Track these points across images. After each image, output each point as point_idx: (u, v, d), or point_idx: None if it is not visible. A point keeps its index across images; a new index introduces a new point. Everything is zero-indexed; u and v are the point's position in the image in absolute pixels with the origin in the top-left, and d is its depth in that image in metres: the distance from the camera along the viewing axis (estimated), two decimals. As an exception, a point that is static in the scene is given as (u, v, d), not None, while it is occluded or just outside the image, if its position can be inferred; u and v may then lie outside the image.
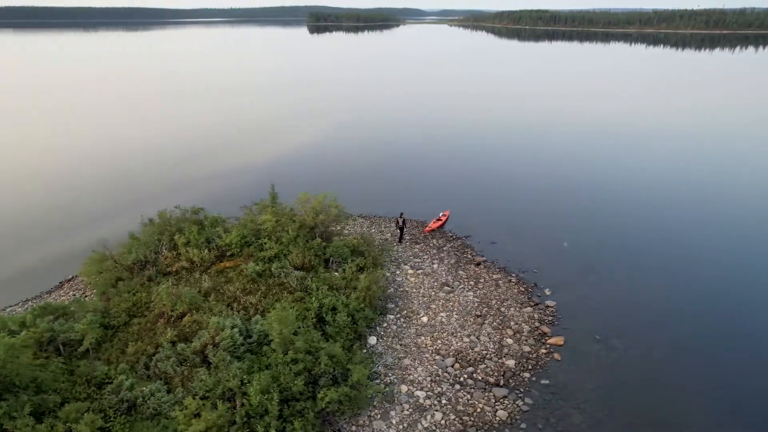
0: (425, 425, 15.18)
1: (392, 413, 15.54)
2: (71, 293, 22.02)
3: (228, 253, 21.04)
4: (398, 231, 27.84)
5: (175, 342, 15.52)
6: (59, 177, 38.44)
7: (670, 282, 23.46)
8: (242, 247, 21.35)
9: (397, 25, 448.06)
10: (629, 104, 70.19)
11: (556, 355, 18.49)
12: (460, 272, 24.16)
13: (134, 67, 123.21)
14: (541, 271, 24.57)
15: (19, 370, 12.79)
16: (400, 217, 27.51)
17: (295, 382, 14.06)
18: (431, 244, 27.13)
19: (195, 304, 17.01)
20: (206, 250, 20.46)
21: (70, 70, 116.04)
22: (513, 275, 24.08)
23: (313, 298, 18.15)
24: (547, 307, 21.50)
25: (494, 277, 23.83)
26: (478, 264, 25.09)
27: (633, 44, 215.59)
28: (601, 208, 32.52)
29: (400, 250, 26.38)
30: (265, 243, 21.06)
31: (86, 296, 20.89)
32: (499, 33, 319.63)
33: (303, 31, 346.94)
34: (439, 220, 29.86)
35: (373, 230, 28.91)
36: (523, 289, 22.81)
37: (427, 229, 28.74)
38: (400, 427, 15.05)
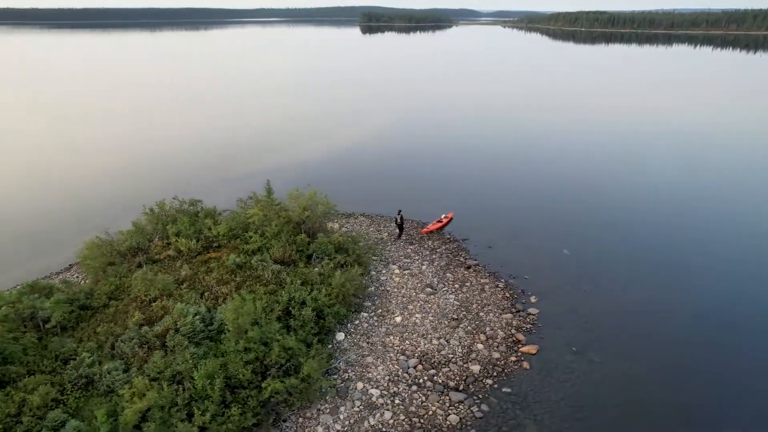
0: (372, 423, 15.25)
1: (342, 409, 15.70)
2: (76, 275, 23.53)
3: (215, 245, 21.85)
4: (397, 229, 27.98)
5: (142, 325, 16.34)
6: (110, 167, 40.80)
7: (668, 297, 22.30)
8: (230, 239, 22.11)
9: (450, 26, 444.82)
10: (660, 112, 66.75)
11: (526, 364, 18.05)
12: (448, 275, 23.95)
13: (187, 65, 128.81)
14: (533, 277, 23.97)
15: (-11, 342, 13.96)
16: (398, 214, 27.63)
17: (242, 370, 14.50)
18: (426, 246, 27.01)
19: (167, 291, 17.83)
20: (194, 241, 21.33)
21: (129, 68, 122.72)
22: (502, 281, 23.63)
23: (284, 292, 18.56)
24: (529, 314, 20.99)
25: (482, 281, 23.47)
26: (468, 267, 24.78)
27: (698, 47, 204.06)
28: (611, 216, 31.23)
29: (392, 249, 26.44)
30: (250, 236, 21.71)
31: (86, 279, 22.25)
32: (553, 35, 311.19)
33: (354, 32, 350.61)
34: (439, 221, 29.65)
35: (371, 229, 29.10)
36: (509, 295, 22.35)
37: (425, 230, 28.62)
38: (347, 423, 15.19)
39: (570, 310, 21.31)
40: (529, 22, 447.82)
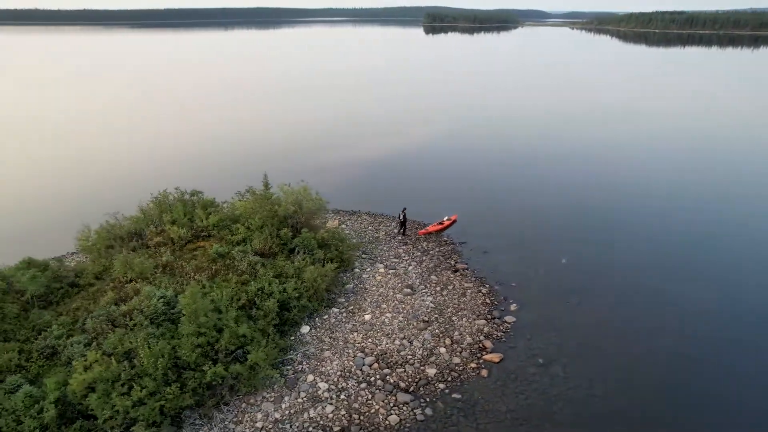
0: (311, 415, 15.57)
1: (286, 398, 16.12)
2: (85, 257, 25.41)
3: (203, 234, 22.94)
4: (399, 225, 28.14)
5: (115, 304, 17.53)
6: (158, 157, 43.81)
7: (658, 319, 20.97)
8: (219, 229, 23.14)
9: (515, 27, 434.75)
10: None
11: (484, 372, 17.70)
12: (433, 277, 23.81)
13: (250, 62, 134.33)
14: (521, 285, 23.34)
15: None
16: (402, 212, 27.81)
17: (189, 352, 15.26)
18: (420, 247, 26.94)
19: (144, 275, 19.00)
20: (184, 229, 22.51)
21: (199, 65, 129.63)
22: (487, 286, 23.18)
23: (255, 282, 19.24)
24: (504, 322, 20.51)
25: (465, 285, 23.15)
26: (456, 271, 24.50)
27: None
28: (620, 230, 29.68)
29: (384, 248, 26.58)
30: (237, 228, 22.62)
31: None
32: (624, 37, 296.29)
33: (417, 32, 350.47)
34: (441, 223, 29.46)
35: (370, 228, 29.37)
36: (489, 302, 21.91)
37: (422, 231, 28.53)
38: (287, 412, 15.60)
39: (548, 322, 20.61)
40: (599, 23, 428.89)
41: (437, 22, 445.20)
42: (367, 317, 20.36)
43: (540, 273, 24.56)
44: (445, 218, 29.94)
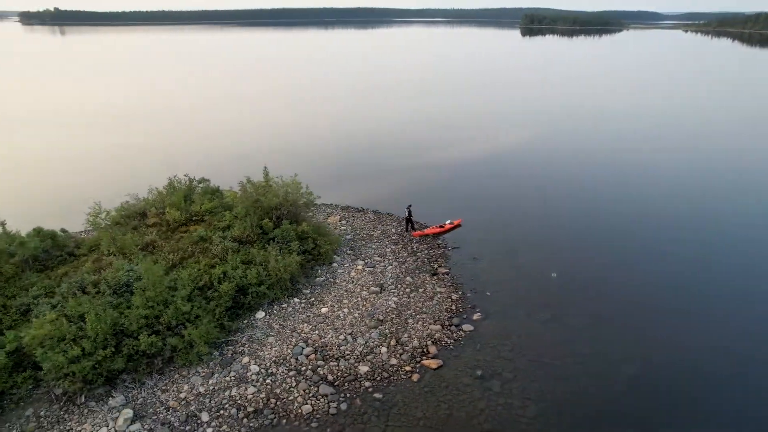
0: (233, 393, 16.48)
1: (216, 375, 17.17)
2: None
3: (196, 218, 24.76)
4: (406, 222, 28.52)
5: (93, 273, 19.65)
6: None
7: (628, 346, 19.42)
8: (212, 215, 24.84)
9: (618, 30, 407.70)
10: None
11: (415, 376, 17.57)
12: (408, 278, 23.79)
13: (345, 60, 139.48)
14: (496, 295, 22.64)
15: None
16: (408, 209, 28.24)
17: (133, 322, 16.82)
18: (409, 248, 26.93)
19: (125, 250, 21.04)
20: (178, 213, 24.47)
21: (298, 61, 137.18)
22: (459, 293, 22.76)
23: (221, 266, 20.56)
24: (460, 330, 20.10)
25: (437, 290, 22.90)
26: (435, 274, 24.26)
27: None
28: (626, 249, 27.50)
29: (373, 246, 26.90)
30: (224, 215, 24.18)
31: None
32: (749, 40, 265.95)
33: (512, 34, 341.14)
34: (441, 227, 29.17)
35: (369, 225, 29.74)
36: (454, 308, 21.54)
37: (417, 233, 28.44)
38: (210, 388, 16.63)
39: (506, 336, 19.86)
40: (718, 25, 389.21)
41: (535, 23, 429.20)
42: (324, 310, 20.91)
43: (522, 285, 23.60)
44: (447, 222, 29.56)
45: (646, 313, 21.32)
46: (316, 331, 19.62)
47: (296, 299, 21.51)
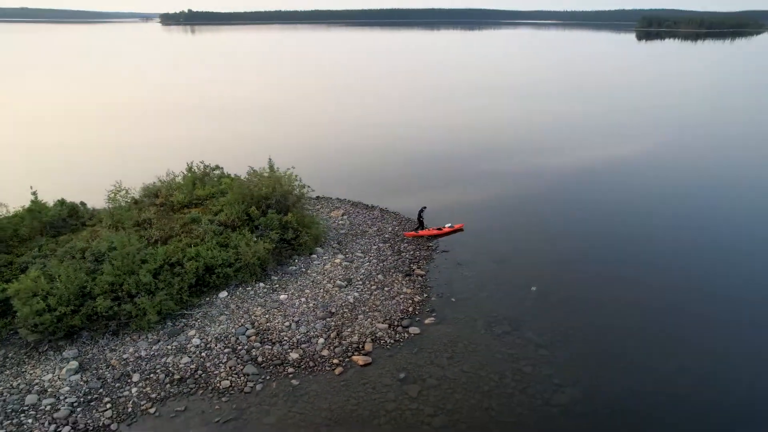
0: (167, 360, 17.97)
1: (160, 343, 18.78)
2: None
3: (196, 202, 26.88)
4: (418, 223, 28.83)
5: (85, 241, 22.31)
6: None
7: (578, 371, 18.12)
8: (212, 199, 26.84)
9: (758, 33, 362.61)
10: None
11: (339, 370, 17.89)
12: (380, 276, 23.99)
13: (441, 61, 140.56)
14: (460, 302, 22.12)
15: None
16: (420, 211, 28.76)
17: (94, 286, 19.00)
18: (397, 247, 27.00)
19: (120, 225, 23.55)
20: (182, 196, 26.77)
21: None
22: (424, 296, 22.56)
23: (197, 247, 22.32)
24: (406, 331, 20.02)
25: (403, 290, 22.87)
26: (408, 275, 24.20)
27: None
28: (619, 269, 25.26)
29: (362, 242, 27.34)
30: (219, 200, 26.03)
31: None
32: None
33: (626, 38, 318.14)
34: (439, 229, 28.85)
35: (368, 221, 30.16)
36: (411, 310, 21.43)
37: (409, 233, 28.37)
38: (151, 353, 18.24)
39: (450, 343, 19.42)
40: None
41: (653, 26, 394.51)
42: (282, 297, 21.84)
43: (495, 295, 22.77)
44: (447, 225, 29.13)
45: (619, 341, 19.60)
46: (267, 315, 20.60)
47: (262, 284, 22.66)
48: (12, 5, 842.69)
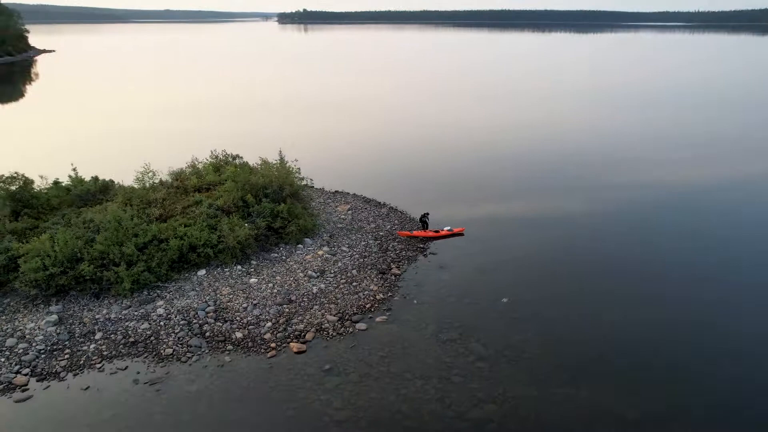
0: (128, 324, 19.91)
1: (129, 309, 20.80)
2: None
3: (206, 186, 29.11)
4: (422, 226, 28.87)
5: (96, 213, 25.24)
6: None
7: (513, 388, 17.26)
8: (221, 186, 28.93)
9: None
10: None
11: (272, 353, 18.73)
12: (354, 271, 24.42)
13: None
14: (422, 304, 21.98)
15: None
16: (425, 216, 28.84)
17: (89, 253, 21.61)
18: (385, 246, 27.19)
19: (129, 201, 26.31)
20: (196, 180, 29.18)
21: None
22: (389, 294, 22.65)
23: (187, 227, 24.36)
24: (353, 326, 20.35)
25: (371, 287, 23.12)
26: (383, 273, 24.37)
27: None
28: (604, 287, 23.06)
29: (354, 238, 27.88)
30: (223, 186, 28.01)
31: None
32: None
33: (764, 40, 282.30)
34: (436, 232, 28.55)
35: (369, 218, 30.64)
36: (368, 306, 21.68)
37: (404, 233, 28.35)
38: (120, 316, 20.32)
39: (391, 342, 19.43)
40: None
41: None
42: (252, 281, 23.12)
43: (462, 301, 22.24)
44: (445, 228, 28.70)
45: (569, 370, 18.25)
46: (231, 296, 21.98)
47: (239, 267, 24.12)
48: (158, 8, 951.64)
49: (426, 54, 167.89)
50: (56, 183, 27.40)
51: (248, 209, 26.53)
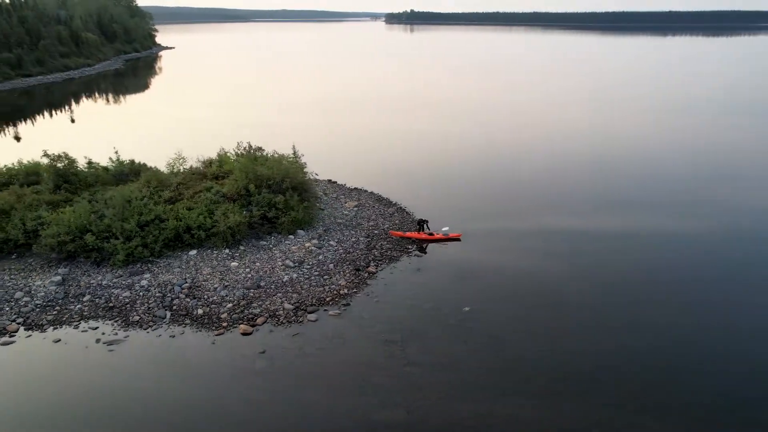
0: (114, 291, 22.39)
1: (120, 279, 23.25)
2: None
3: (222, 174, 31.31)
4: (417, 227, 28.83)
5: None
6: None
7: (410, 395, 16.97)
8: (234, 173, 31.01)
9: None
10: None
11: (219, 332, 20.05)
12: (331, 265, 25.11)
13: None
14: (380, 305, 22.14)
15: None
16: (425, 223, 28.70)
17: (96, 226, 24.55)
18: (375, 244, 27.51)
19: (148, 183, 29.16)
20: (215, 168, 31.55)
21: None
22: (353, 290, 23.08)
23: (187, 210, 26.63)
24: (305, 316, 21.13)
25: (340, 282, 23.71)
26: (358, 270, 24.79)
27: None
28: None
29: (346, 233, 28.53)
30: (233, 175, 30.02)
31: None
32: None
33: None
34: (431, 234, 28.32)
35: (372, 215, 31.05)
36: (328, 300, 22.30)
37: (396, 233, 28.43)
38: (109, 282, 22.87)
39: (329, 337, 19.93)
40: None
41: None
42: (233, 264, 24.71)
43: (421, 307, 22.00)
44: (442, 231, 28.36)
45: (499, 387, 17.58)
46: (209, 276, 23.72)
47: (227, 251, 25.84)
48: (274, 8, 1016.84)
49: (553, 58, 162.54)
50: (90, 164, 31.19)
51: (250, 198, 28.22)
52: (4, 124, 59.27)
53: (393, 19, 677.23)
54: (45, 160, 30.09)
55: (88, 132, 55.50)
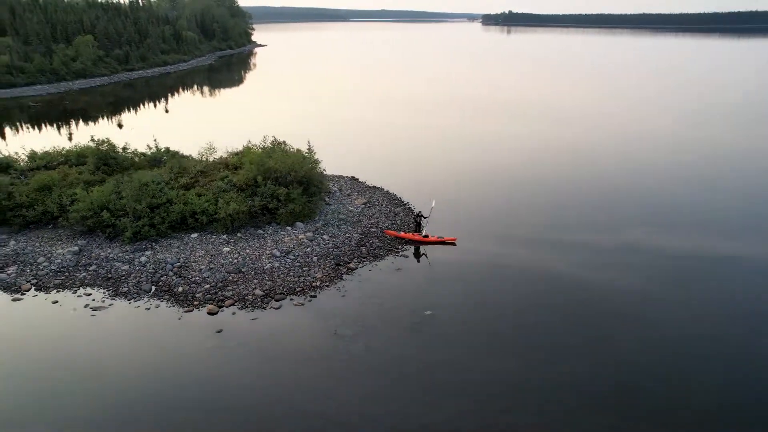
0: (117, 264, 24.91)
1: (124, 253, 25.78)
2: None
3: (239, 165, 33.20)
4: (415, 226, 28.81)
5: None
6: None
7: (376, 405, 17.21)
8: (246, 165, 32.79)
9: None
10: None
11: (188, 309, 21.61)
12: (315, 258, 25.92)
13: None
14: (344, 299, 22.54)
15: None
16: (422, 216, 28.79)
17: (113, 205, 27.38)
18: (366, 241, 27.91)
19: (171, 169, 31.69)
20: (236, 159, 33.57)
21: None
22: (326, 284, 23.70)
23: (197, 197, 28.76)
24: (271, 304, 22.08)
25: (316, 275, 24.45)
26: (339, 265, 25.38)
27: None
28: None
29: (343, 228, 29.17)
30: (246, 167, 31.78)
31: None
32: None
33: None
34: (425, 236, 28.18)
35: (377, 213, 31.40)
36: (298, 290, 23.10)
37: (391, 232, 28.56)
38: (115, 257, 25.47)
39: (288, 325, 20.77)
40: None
41: None
42: (225, 249, 26.31)
43: (384, 304, 22.17)
44: (436, 235, 28.11)
45: (437, 394, 17.36)
46: (201, 258, 25.51)
47: (225, 236, 27.54)
48: (374, 8, 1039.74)
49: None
50: (124, 150, 34.54)
51: (257, 189, 29.80)
52: (108, 113, 66.97)
53: (489, 20, 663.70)
54: (92, 145, 33.79)
55: (167, 119, 61.36)
